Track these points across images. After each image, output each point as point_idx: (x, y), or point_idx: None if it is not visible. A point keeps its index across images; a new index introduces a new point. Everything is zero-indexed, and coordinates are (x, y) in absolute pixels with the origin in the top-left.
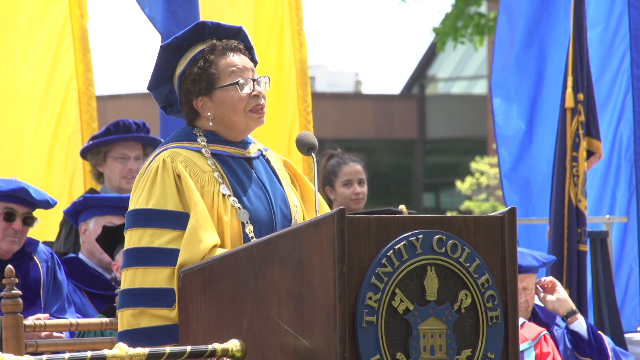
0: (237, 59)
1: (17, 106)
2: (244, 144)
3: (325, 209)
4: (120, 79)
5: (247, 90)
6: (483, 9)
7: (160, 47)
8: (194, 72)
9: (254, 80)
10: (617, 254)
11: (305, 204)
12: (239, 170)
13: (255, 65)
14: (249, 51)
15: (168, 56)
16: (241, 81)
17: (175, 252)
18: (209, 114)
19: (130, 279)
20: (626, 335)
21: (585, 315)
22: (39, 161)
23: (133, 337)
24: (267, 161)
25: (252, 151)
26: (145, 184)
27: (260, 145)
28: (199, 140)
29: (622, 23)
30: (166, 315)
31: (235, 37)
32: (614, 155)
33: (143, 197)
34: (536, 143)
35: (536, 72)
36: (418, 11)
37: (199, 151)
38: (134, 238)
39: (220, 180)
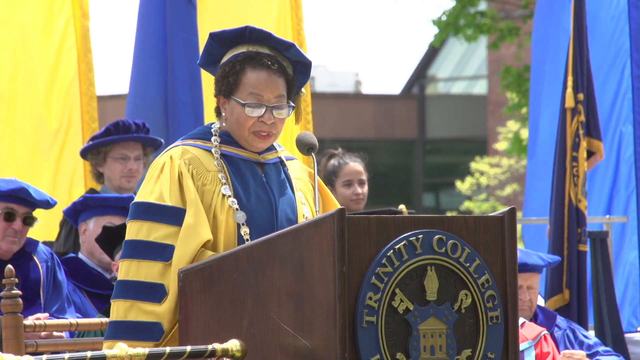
0: (263, 80)
1: (19, 106)
2: (259, 151)
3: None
4: (120, 79)
5: (255, 114)
6: (482, 8)
7: (210, 33)
8: (219, 73)
9: (269, 107)
10: (617, 254)
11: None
12: (247, 173)
13: (305, 82)
14: (301, 66)
15: (214, 44)
16: (251, 105)
17: (169, 248)
18: (224, 114)
19: (125, 270)
20: (626, 335)
21: (585, 315)
22: (40, 161)
23: (118, 328)
24: (285, 170)
25: (269, 157)
26: (151, 177)
27: (286, 153)
28: (212, 140)
29: (622, 23)
30: (153, 311)
31: (286, 52)
32: (612, 155)
33: (146, 191)
34: (536, 143)
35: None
36: (418, 11)
37: (209, 150)
38: (132, 230)
39: (223, 180)
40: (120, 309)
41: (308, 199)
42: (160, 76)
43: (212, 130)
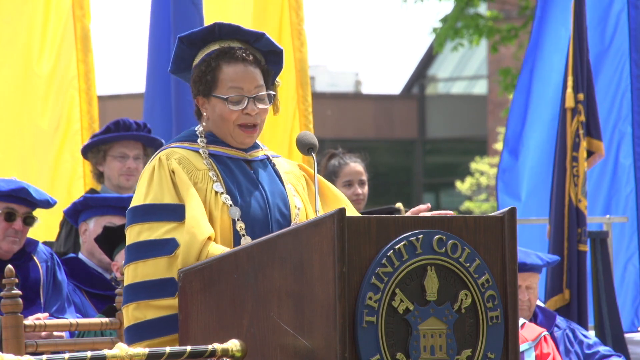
0: (241, 72)
1: (19, 106)
2: (245, 148)
3: (342, 202)
4: (120, 79)
5: (238, 107)
6: (481, 9)
7: (178, 37)
8: (195, 73)
9: (250, 98)
10: (617, 254)
11: (324, 204)
12: (236, 170)
13: (279, 71)
14: (273, 56)
15: (184, 47)
16: (233, 98)
17: (171, 241)
18: (204, 114)
19: (132, 273)
20: (626, 335)
21: (585, 315)
22: (40, 161)
23: (140, 330)
24: (272, 165)
25: (255, 154)
26: (143, 182)
27: (271, 152)
28: (198, 141)
29: (622, 22)
30: (171, 305)
31: (257, 43)
32: (612, 155)
33: (141, 194)
34: (535, 143)
35: (531, 73)
36: (418, 11)
37: (197, 151)
38: (133, 234)
39: (214, 178)
40: (137, 312)
41: (298, 191)
42: (166, 76)
43: (197, 132)
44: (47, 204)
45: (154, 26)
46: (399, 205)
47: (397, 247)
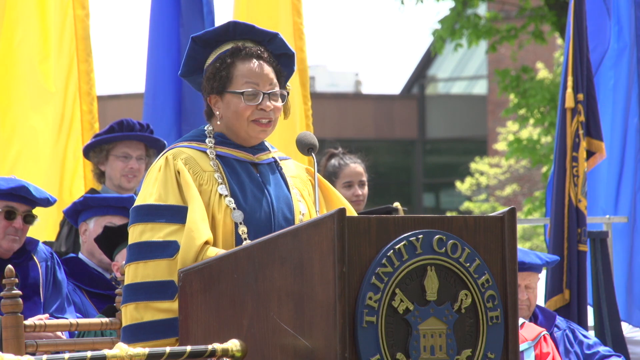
0: (256, 68)
1: (19, 106)
2: (254, 150)
3: (340, 203)
4: (120, 79)
5: (253, 102)
6: (481, 10)
7: (191, 37)
8: (210, 70)
9: (265, 94)
10: (617, 254)
11: (329, 207)
12: (243, 173)
13: (290, 74)
14: (285, 58)
15: (197, 47)
16: (248, 92)
17: (173, 244)
18: (217, 112)
19: (132, 273)
20: (626, 335)
21: (585, 315)
22: (40, 161)
23: (136, 331)
24: (279, 169)
25: (263, 157)
26: (149, 181)
27: (279, 154)
28: (207, 141)
29: (628, 23)
30: (169, 308)
31: (270, 43)
32: (614, 155)
33: (146, 193)
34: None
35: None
36: (418, 12)
37: (204, 151)
38: (135, 233)
39: (219, 180)
40: (135, 312)
41: (304, 196)
42: (167, 75)
43: (206, 132)
44: (47, 202)
45: (154, 25)
46: (397, 204)
47: (397, 247)
